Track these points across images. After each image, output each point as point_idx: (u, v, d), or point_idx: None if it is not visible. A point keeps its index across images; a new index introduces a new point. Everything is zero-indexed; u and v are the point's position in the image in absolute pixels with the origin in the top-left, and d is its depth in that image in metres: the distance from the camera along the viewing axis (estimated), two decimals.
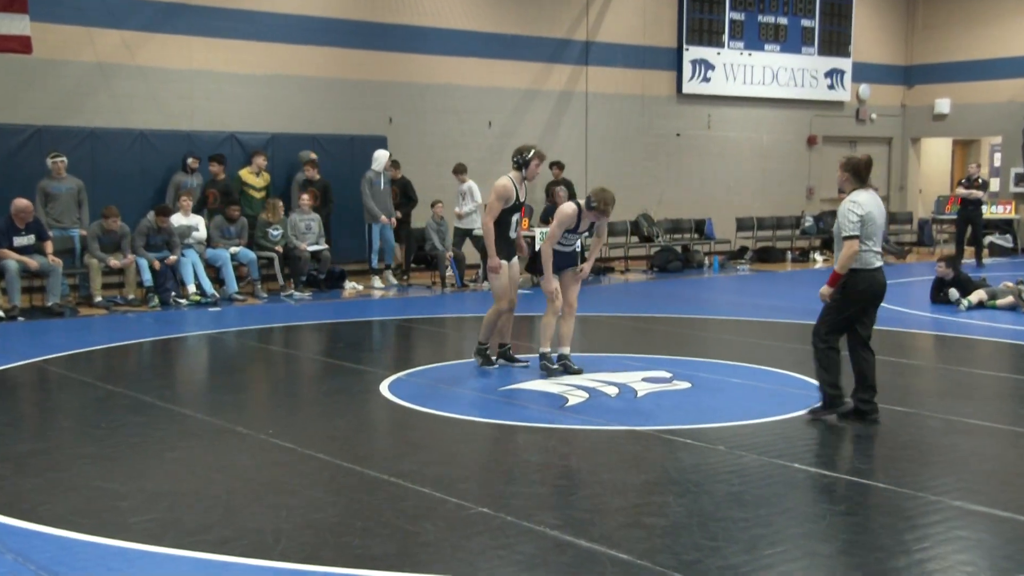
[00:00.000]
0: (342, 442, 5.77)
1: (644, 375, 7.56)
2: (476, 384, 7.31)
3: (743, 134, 19.04)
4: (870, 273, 6.32)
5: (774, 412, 6.44)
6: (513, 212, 7.93)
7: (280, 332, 10.13)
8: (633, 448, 5.66)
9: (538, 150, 7.87)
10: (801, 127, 19.78)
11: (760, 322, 10.61)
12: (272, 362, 8.68)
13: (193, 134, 13.34)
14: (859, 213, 6.22)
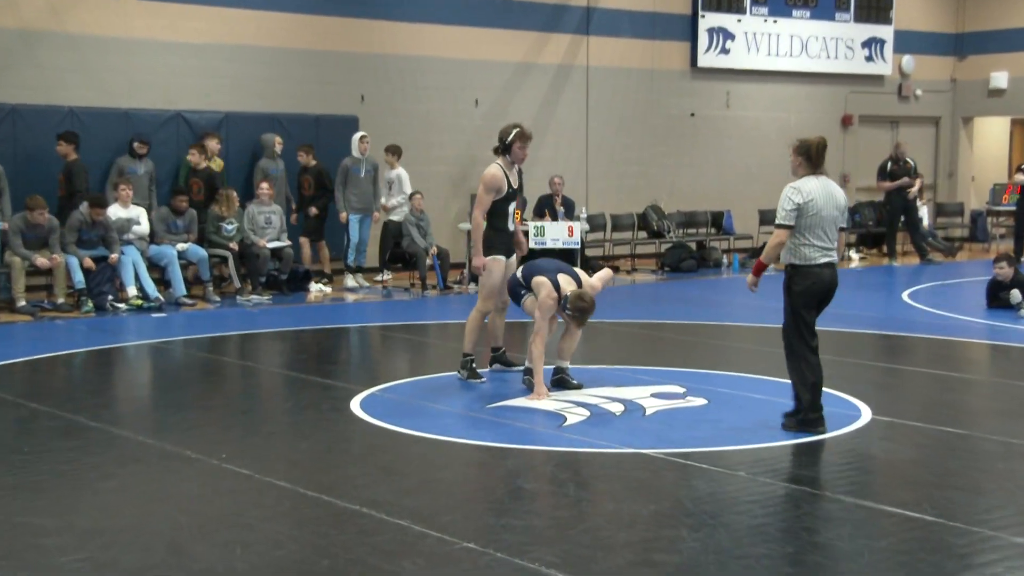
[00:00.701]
0: (306, 468, 5.75)
1: (654, 390, 7.58)
2: (461, 401, 7.31)
3: (767, 114, 19.09)
4: (810, 270, 6.49)
5: (803, 433, 6.44)
6: (508, 202, 7.94)
7: (235, 341, 10.10)
8: (641, 474, 5.66)
9: (521, 130, 7.89)
10: (834, 105, 19.85)
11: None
12: (226, 376, 8.66)
13: (133, 113, 13.31)
14: (796, 201, 6.45)
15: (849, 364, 8.86)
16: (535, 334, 7.24)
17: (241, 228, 12.89)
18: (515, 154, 7.89)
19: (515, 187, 8.00)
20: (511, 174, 7.97)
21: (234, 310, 12.01)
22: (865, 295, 14.01)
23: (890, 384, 8.23)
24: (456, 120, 15.92)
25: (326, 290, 13.51)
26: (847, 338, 10.24)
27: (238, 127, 13.94)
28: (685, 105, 18.22)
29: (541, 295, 7.31)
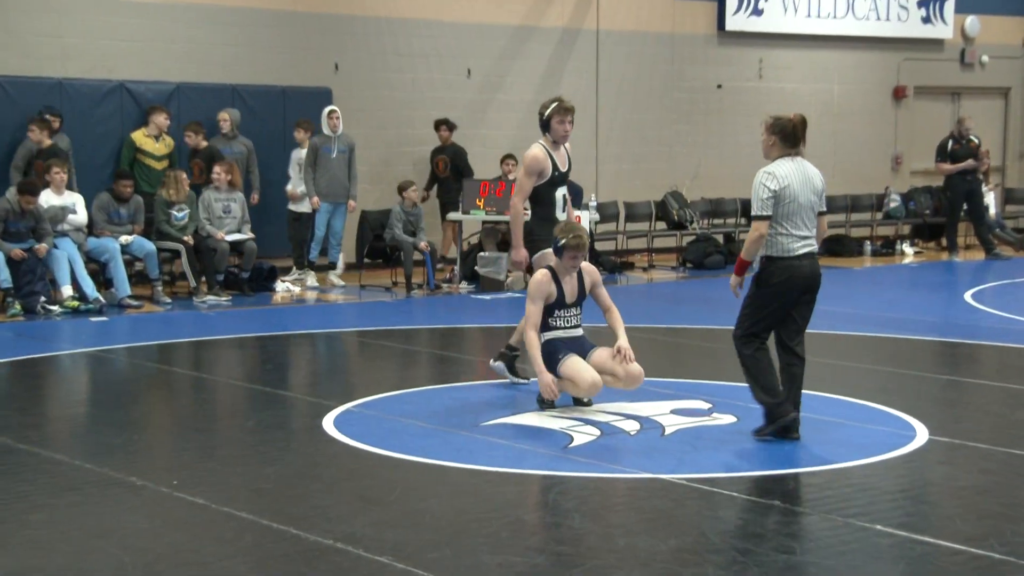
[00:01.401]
0: (272, 496, 5.76)
1: (674, 406, 7.58)
2: (451, 417, 7.31)
3: (806, 85, 19.11)
4: (788, 262, 6.64)
5: (847, 456, 6.46)
6: (553, 188, 7.94)
7: (189, 350, 10.10)
8: (659, 503, 5.67)
9: (561, 102, 7.90)
10: (886, 75, 19.87)
11: (829, 336, 10.64)
12: (178, 390, 8.67)
13: (67, 83, 13.33)
14: (772, 188, 6.61)
15: (903, 376, 8.86)
16: (526, 320, 7.32)
17: (195, 217, 12.89)
18: (555, 131, 7.90)
19: (563, 170, 7.96)
20: (557, 155, 7.94)
21: (188, 313, 12.01)
22: (921, 296, 14.02)
23: (951, 399, 8.24)
24: (445, 93, 15.93)
25: (294, 290, 13.52)
26: (900, 346, 10.25)
27: (191, 100, 13.95)
28: (711, 75, 18.24)
29: (532, 279, 7.42)
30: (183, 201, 12.81)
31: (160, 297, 12.46)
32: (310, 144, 13.87)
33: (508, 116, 16.46)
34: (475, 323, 11.85)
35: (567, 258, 7.37)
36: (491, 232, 14.52)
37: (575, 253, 7.36)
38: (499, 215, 14.06)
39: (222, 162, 13.20)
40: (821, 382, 8.46)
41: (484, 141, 16.17)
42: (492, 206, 14.04)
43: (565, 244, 7.33)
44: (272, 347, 10.19)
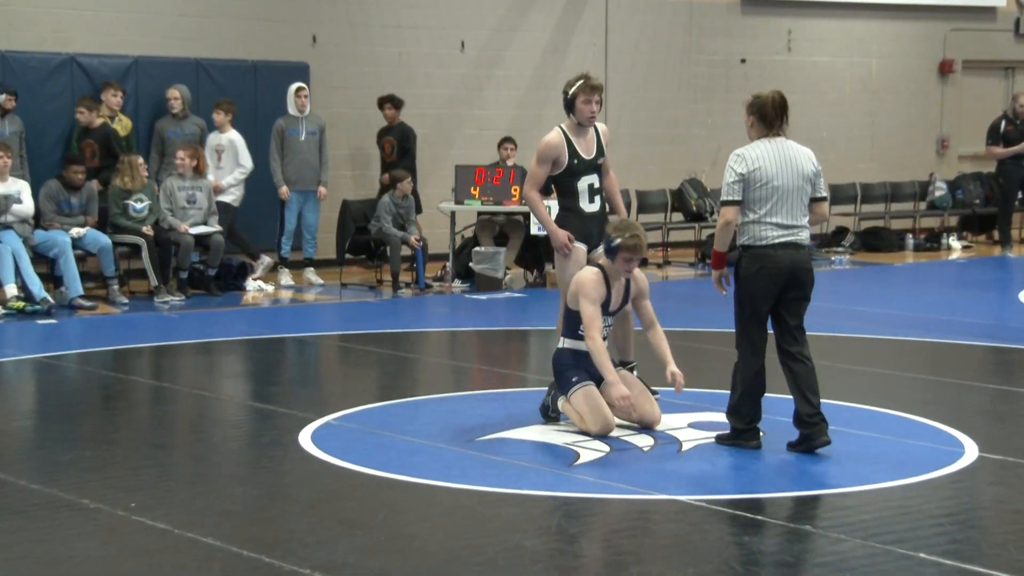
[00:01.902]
0: (242, 520, 5.75)
1: (692, 418, 7.58)
2: (442, 432, 7.31)
3: (841, 59, 19.12)
4: (762, 252, 6.72)
5: (887, 475, 6.45)
6: (573, 178, 7.89)
7: (149, 355, 10.11)
8: (676, 527, 5.67)
9: (587, 80, 7.81)
10: (930, 48, 19.88)
11: (866, 341, 10.65)
12: (136, 401, 8.66)
13: (11, 56, 13.32)
14: (739, 171, 6.75)
15: (948, 385, 8.86)
16: (589, 324, 7.15)
17: (155, 207, 12.89)
18: (580, 112, 7.84)
19: (586, 158, 7.87)
20: (580, 140, 7.88)
21: (147, 315, 12.01)
22: (970, 295, 14.02)
23: (1002, 412, 8.24)
24: (436, 68, 15.94)
25: (267, 289, 13.52)
26: (945, 352, 10.24)
27: (151, 76, 13.95)
28: (734, 49, 18.24)
29: (578, 276, 7.29)
30: (141, 190, 12.79)
31: (116, 297, 12.46)
32: (275, 127, 13.91)
33: (506, 95, 16.46)
34: (470, 326, 11.84)
35: (621, 260, 7.21)
36: (487, 224, 14.52)
37: (631, 255, 7.19)
38: (496, 205, 14.06)
39: (187, 146, 13.20)
40: (857, 393, 8.45)
41: (479, 122, 16.18)
42: (488, 195, 14.05)
43: (620, 244, 7.16)
44: (242, 353, 10.18)
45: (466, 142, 15.97)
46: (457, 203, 14.26)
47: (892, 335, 10.80)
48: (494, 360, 10.37)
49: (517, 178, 14.06)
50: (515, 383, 8.83)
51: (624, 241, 7.16)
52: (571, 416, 7.31)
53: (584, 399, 7.22)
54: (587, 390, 7.25)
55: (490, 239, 14.40)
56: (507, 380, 9.15)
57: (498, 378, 9.36)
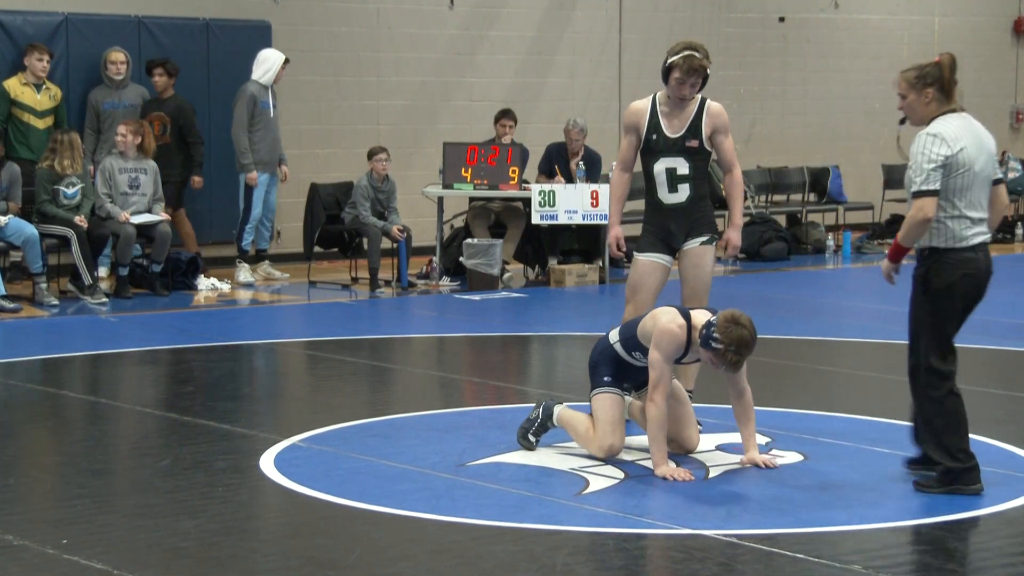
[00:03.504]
0: (193, 558, 5.75)
1: (721, 439, 7.59)
2: (428, 456, 7.32)
3: (898, 17, 19.14)
4: (962, 256, 6.57)
5: (951, 507, 6.46)
6: (654, 156, 7.78)
7: (83, 366, 10.08)
8: (703, 567, 5.67)
9: (690, 58, 7.61)
10: (1002, 3, 19.91)
11: None
12: (68, 419, 8.63)
13: None
14: (942, 154, 6.48)
15: (1019, 400, 8.87)
16: (655, 386, 6.97)
17: (89, 192, 12.88)
18: (671, 87, 7.75)
19: (674, 135, 7.74)
20: (672, 113, 7.75)
21: (81, 318, 12.00)
22: None
23: None
24: (420, 29, 15.94)
25: (222, 287, 13.52)
26: (1019, 360, 10.26)
27: (84, 37, 13.93)
28: (771, 5, 18.26)
29: (661, 322, 7.07)
30: (76, 174, 12.77)
31: (44, 297, 12.45)
32: (245, 94, 13.82)
33: (503, 60, 16.46)
34: (460, 331, 11.85)
35: (710, 359, 6.88)
36: (481, 212, 14.52)
37: (723, 367, 6.85)
38: (492, 189, 14.07)
39: (129, 120, 13.18)
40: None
41: (471, 92, 16.19)
42: (482, 178, 14.04)
43: (720, 352, 6.77)
44: (193, 363, 10.16)
45: (456, 115, 15.98)
46: (445, 187, 14.24)
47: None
48: (489, 371, 10.36)
49: (516, 158, 14.06)
50: (513, 398, 8.82)
51: (726, 353, 6.77)
52: (575, 425, 7.27)
53: (607, 407, 7.18)
54: (614, 400, 7.22)
55: (485, 230, 14.40)
56: (504, 395, 9.15)
57: (494, 392, 9.36)
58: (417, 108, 15.92)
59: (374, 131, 14.73)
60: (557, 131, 15.03)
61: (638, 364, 7.22)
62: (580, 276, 13.91)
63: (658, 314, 7.09)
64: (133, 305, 12.60)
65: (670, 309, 7.12)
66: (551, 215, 13.78)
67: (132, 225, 12.88)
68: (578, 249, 14.79)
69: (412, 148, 15.66)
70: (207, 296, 13.29)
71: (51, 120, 13.29)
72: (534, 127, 15.87)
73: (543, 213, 13.74)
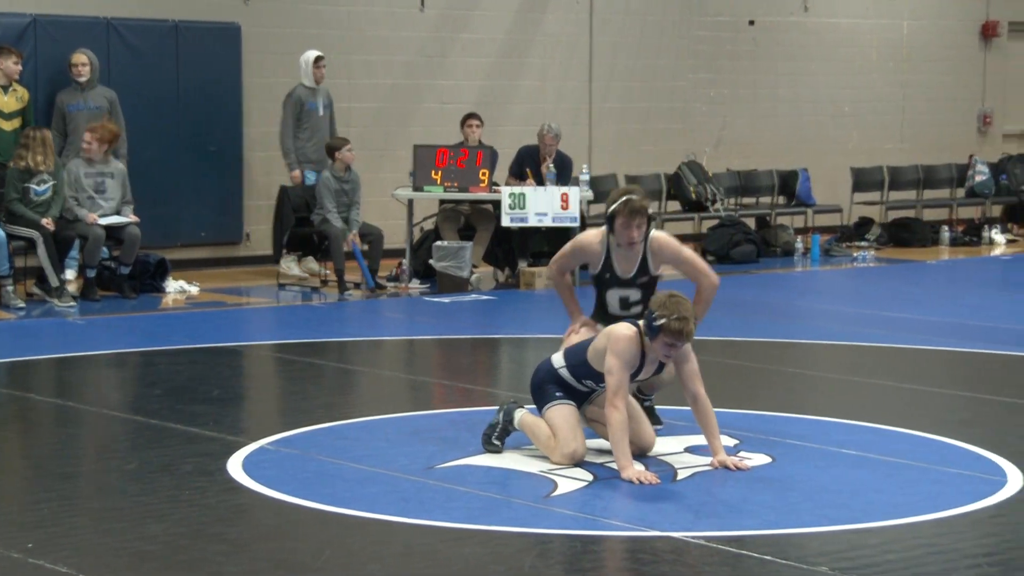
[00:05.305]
0: (161, 562, 5.73)
1: (690, 442, 7.59)
2: (397, 459, 7.31)
3: (867, 21, 19.19)
4: None
5: (916, 508, 6.48)
6: (604, 287, 7.89)
7: (49, 369, 10.05)
8: (671, 568, 5.68)
9: (629, 202, 7.63)
10: (971, 6, 19.97)
11: (895, 351, 10.69)
12: (34, 423, 8.60)
13: None
14: None
15: (990, 403, 8.90)
16: (615, 392, 6.97)
17: (61, 191, 12.82)
18: (618, 234, 7.74)
19: (624, 276, 7.79)
20: (622, 253, 7.77)
21: (48, 321, 11.96)
22: (1015, 297, 14.09)
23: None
24: (391, 31, 15.93)
25: (191, 290, 13.48)
26: (987, 363, 10.29)
27: (52, 38, 13.88)
28: (741, 8, 18.29)
29: (615, 332, 7.08)
30: (48, 171, 12.72)
31: (11, 300, 12.40)
32: (291, 98, 14.20)
33: (473, 62, 16.46)
34: (430, 334, 11.85)
35: (661, 344, 6.95)
36: (451, 215, 14.52)
37: (674, 341, 6.94)
38: (462, 192, 14.07)
39: (95, 126, 13.11)
40: (883, 412, 8.49)
41: (442, 95, 16.17)
42: (452, 180, 14.04)
43: (664, 326, 6.89)
44: (161, 366, 10.14)
45: (426, 117, 15.96)
46: (416, 189, 14.25)
47: (923, 344, 10.84)
48: (458, 373, 10.37)
49: (486, 160, 14.07)
50: (482, 401, 8.81)
51: (669, 324, 6.87)
52: (536, 432, 7.26)
53: (564, 416, 7.21)
54: (570, 409, 7.24)
55: (454, 232, 14.40)
56: (473, 397, 9.14)
57: (463, 395, 9.35)
58: (388, 110, 15.91)
59: (344, 133, 14.68)
60: (528, 133, 15.04)
61: (585, 390, 7.28)
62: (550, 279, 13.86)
63: (609, 329, 7.16)
64: (101, 308, 12.55)
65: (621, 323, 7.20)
66: (521, 217, 13.77)
67: (100, 227, 12.83)
68: (548, 251, 14.73)
69: (383, 150, 15.65)
70: (175, 299, 13.25)
71: (18, 122, 13.22)
72: (505, 129, 15.87)
73: (513, 215, 13.74)
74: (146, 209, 13.60)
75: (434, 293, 13.76)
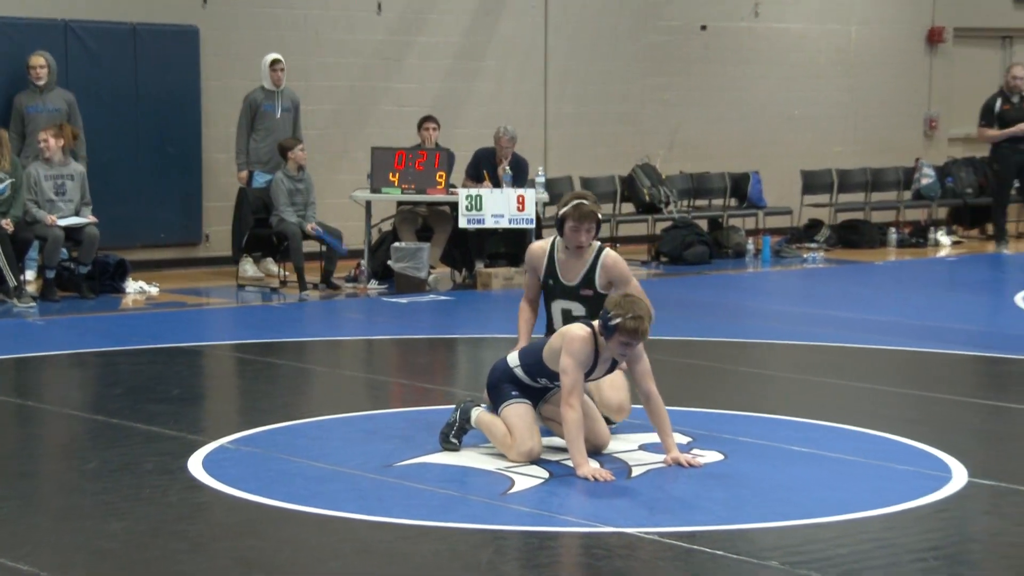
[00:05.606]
0: (120, 560, 5.73)
1: (644, 439, 7.61)
2: (355, 457, 7.33)
3: (816, 26, 19.29)
4: None
5: (864, 503, 6.52)
6: (550, 298, 7.88)
7: (8, 369, 10.02)
8: (624, 564, 5.72)
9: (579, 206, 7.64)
10: (917, 14, 20.10)
11: (842, 350, 10.75)
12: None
13: None
14: None
15: (936, 401, 8.99)
16: (570, 391, 7.00)
17: (20, 190, 12.76)
18: (567, 237, 7.73)
19: (568, 283, 7.79)
20: (568, 261, 7.77)
21: (6, 322, 11.91)
22: (960, 298, 14.19)
23: (996, 432, 8.36)
24: (348, 34, 15.92)
25: (150, 291, 13.45)
26: (932, 362, 10.38)
27: (10, 40, 13.84)
28: (693, 14, 18.36)
29: (570, 332, 7.11)
30: (3, 169, 12.67)
31: None
32: (248, 100, 14.24)
33: (430, 65, 16.47)
34: (388, 334, 11.85)
35: (617, 343, 6.96)
36: (409, 216, 14.54)
37: (629, 340, 6.94)
38: (419, 194, 14.09)
39: (50, 125, 13.07)
40: (832, 409, 8.55)
41: (399, 97, 16.18)
42: (410, 182, 14.06)
43: (619, 325, 6.89)
44: (120, 366, 10.11)
45: (384, 120, 15.97)
46: (373, 191, 14.26)
47: (871, 344, 10.91)
48: (416, 373, 10.37)
49: (443, 162, 14.10)
50: (440, 399, 8.82)
51: (624, 323, 6.87)
52: (493, 431, 7.29)
53: (519, 415, 7.25)
54: (526, 407, 7.28)
55: (412, 233, 14.41)
56: (431, 396, 9.15)
57: (420, 394, 9.36)
58: (345, 113, 15.91)
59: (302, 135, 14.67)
60: (484, 136, 15.06)
61: (539, 387, 7.32)
62: (507, 279, 13.93)
63: (564, 330, 7.21)
64: (60, 308, 12.52)
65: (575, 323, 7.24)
66: (478, 219, 13.80)
67: (60, 228, 12.79)
68: (504, 252, 14.82)
69: (340, 152, 15.65)
70: (135, 299, 13.22)
71: None
72: (461, 132, 15.90)
73: (470, 217, 13.77)
74: (105, 210, 13.55)
75: (392, 294, 13.77)
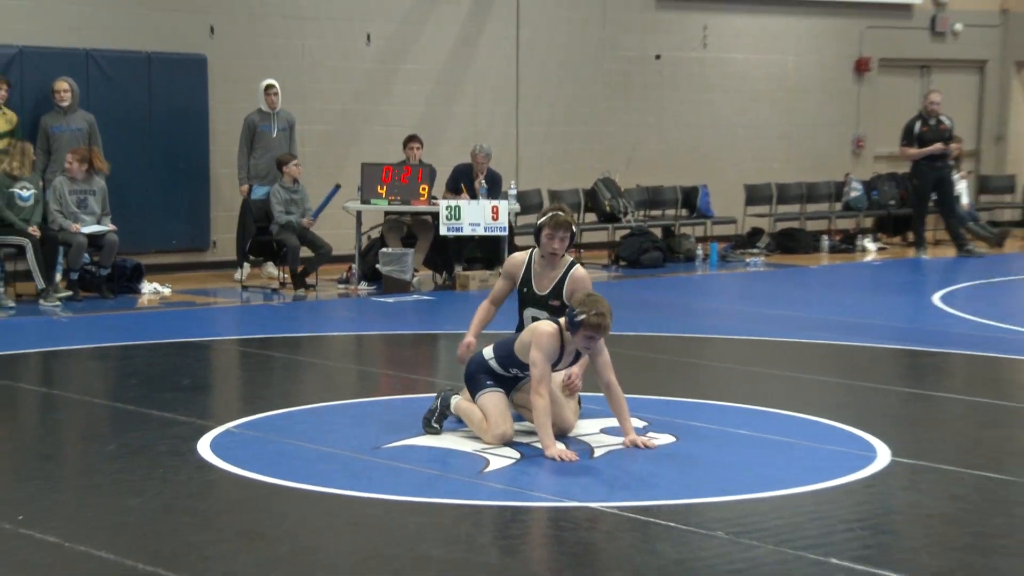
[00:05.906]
0: (137, 532, 5.73)
1: (604, 424, 7.63)
2: (347, 440, 7.33)
3: (757, 56, 19.35)
4: None
5: (798, 480, 6.57)
6: (523, 305, 7.82)
7: (37, 361, 10.01)
8: (587, 535, 5.74)
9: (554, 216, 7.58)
10: (846, 45, 20.18)
11: (779, 344, 10.79)
12: (23, 409, 8.58)
13: None
14: None
15: (862, 389, 9.03)
16: (539, 381, 7.00)
17: (40, 198, 12.70)
18: (543, 245, 7.67)
19: (540, 293, 7.70)
20: (542, 271, 7.70)
21: (35, 319, 11.86)
22: (884, 298, 14.26)
23: (916, 416, 8.41)
24: (341, 62, 15.91)
25: (163, 291, 13.43)
26: (859, 355, 10.43)
27: (37, 68, 13.78)
28: (649, 45, 18.39)
29: (539, 328, 7.12)
30: (28, 177, 12.63)
31: (2, 300, 12.29)
32: (246, 121, 14.24)
33: (414, 90, 16.47)
34: (377, 330, 11.85)
35: (582, 337, 6.98)
36: (395, 225, 14.54)
37: (593, 335, 6.98)
38: (404, 205, 14.10)
39: (76, 148, 13.04)
40: (770, 396, 8.58)
41: (386, 119, 16.17)
42: (396, 194, 14.06)
43: (584, 321, 6.91)
44: (136, 358, 10.10)
45: (373, 139, 15.97)
46: (364, 203, 14.25)
47: (806, 338, 10.95)
48: (401, 365, 10.38)
49: (425, 177, 14.12)
50: (423, 388, 8.85)
51: (588, 319, 6.90)
52: (470, 416, 7.30)
53: (494, 402, 7.26)
54: (499, 395, 7.30)
55: (398, 240, 14.41)
56: (415, 385, 9.16)
57: (406, 383, 9.37)
58: (338, 132, 15.90)
59: (300, 153, 14.66)
60: (462, 153, 15.06)
61: (511, 377, 7.34)
62: (483, 281, 13.93)
63: (534, 326, 7.23)
64: (83, 307, 12.49)
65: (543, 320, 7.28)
66: (457, 227, 13.83)
67: (83, 235, 12.77)
68: (481, 257, 14.85)
69: (334, 168, 15.61)
70: (150, 299, 13.21)
71: (7, 143, 13.10)
72: (442, 149, 15.88)
73: (450, 225, 13.79)
74: (123, 220, 13.50)
75: (380, 294, 13.77)
